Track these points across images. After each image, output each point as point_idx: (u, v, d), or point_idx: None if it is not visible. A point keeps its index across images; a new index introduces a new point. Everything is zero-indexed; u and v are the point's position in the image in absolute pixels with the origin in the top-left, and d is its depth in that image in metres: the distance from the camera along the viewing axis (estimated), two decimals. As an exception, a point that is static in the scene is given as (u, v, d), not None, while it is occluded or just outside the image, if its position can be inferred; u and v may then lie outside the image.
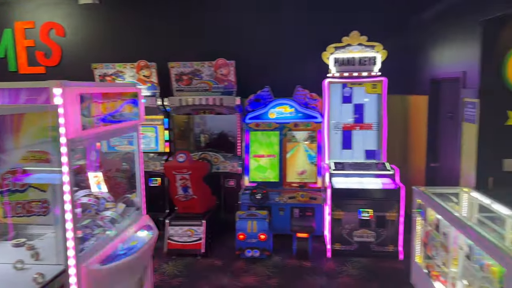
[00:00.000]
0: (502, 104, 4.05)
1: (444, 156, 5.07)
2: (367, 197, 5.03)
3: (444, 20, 4.98)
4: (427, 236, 3.89)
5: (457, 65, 4.53)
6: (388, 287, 4.32)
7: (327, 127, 5.78)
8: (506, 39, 3.99)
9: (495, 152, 4.11)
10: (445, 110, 5.04)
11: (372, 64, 5.69)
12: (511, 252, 2.50)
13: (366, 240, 5.05)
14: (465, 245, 3.08)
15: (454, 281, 3.29)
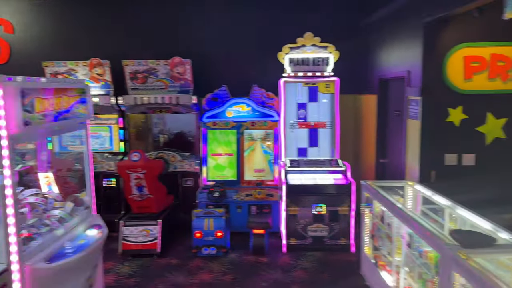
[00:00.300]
0: (443, 101, 4.30)
1: (392, 152, 5.31)
2: (321, 192, 5.18)
3: (391, 21, 5.22)
4: (374, 228, 4.07)
5: (403, 65, 4.76)
6: (340, 278, 4.46)
7: (283, 125, 5.90)
8: (446, 40, 4.24)
9: (437, 147, 4.36)
10: (392, 108, 5.28)
11: (325, 64, 5.88)
12: (445, 238, 2.68)
13: (320, 234, 5.20)
14: (406, 234, 3.26)
15: (398, 269, 3.47)
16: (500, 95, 4.28)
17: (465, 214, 3.17)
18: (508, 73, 4.25)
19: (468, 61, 4.22)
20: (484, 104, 4.30)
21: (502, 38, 4.21)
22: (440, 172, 4.36)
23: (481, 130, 4.35)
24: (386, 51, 5.40)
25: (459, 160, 4.38)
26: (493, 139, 4.35)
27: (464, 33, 4.21)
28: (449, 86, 4.27)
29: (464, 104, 4.29)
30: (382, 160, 5.62)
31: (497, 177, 4.26)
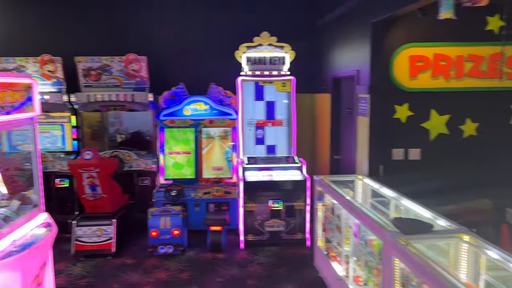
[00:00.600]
0: (390, 99, 4.51)
1: (345, 148, 5.50)
2: (277, 188, 5.28)
3: (342, 22, 5.40)
4: (326, 221, 4.20)
5: (353, 65, 4.95)
6: (294, 271, 4.57)
7: (241, 123, 5.96)
8: (393, 40, 4.45)
9: (385, 143, 4.56)
10: (345, 106, 5.46)
11: (281, 63, 5.99)
12: (387, 226, 2.82)
13: (276, 229, 5.30)
14: (354, 224, 3.40)
15: (347, 259, 3.61)
16: (443, 93, 4.54)
17: (409, 205, 3.34)
18: (449, 72, 4.51)
19: (413, 60, 4.45)
20: (428, 102, 4.54)
21: (444, 39, 4.47)
22: (388, 166, 4.56)
23: (425, 126, 4.59)
24: (339, 51, 5.58)
25: (406, 155, 4.60)
26: (437, 135, 4.61)
27: (409, 33, 4.43)
28: (396, 85, 4.48)
29: (410, 102, 4.52)
30: (336, 156, 5.80)
31: (441, 171, 4.53)
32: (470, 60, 4.50)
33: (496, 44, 4.32)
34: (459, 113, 4.59)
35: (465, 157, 4.58)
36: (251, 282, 4.35)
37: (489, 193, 4.50)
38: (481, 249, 2.47)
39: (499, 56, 4.40)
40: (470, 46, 4.49)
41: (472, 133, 4.63)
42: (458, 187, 4.43)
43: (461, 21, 4.23)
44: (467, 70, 4.52)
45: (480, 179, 4.45)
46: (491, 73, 4.51)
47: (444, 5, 2.78)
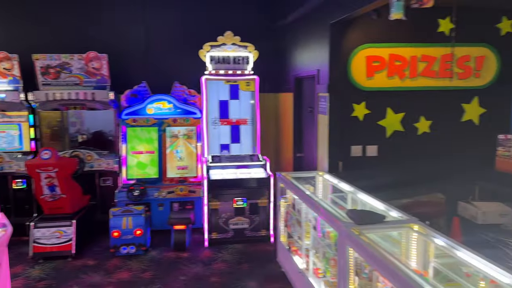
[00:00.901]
0: (348, 98, 4.67)
1: (308, 146, 5.62)
2: (241, 186, 5.33)
3: (303, 23, 5.53)
4: (288, 216, 4.29)
5: (313, 64, 5.08)
6: (257, 267, 4.63)
7: (206, 122, 5.97)
8: (351, 41, 4.62)
9: (344, 140, 4.72)
10: (307, 105, 5.59)
11: (245, 63, 6.05)
12: (342, 218, 2.93)
13: (241, 227, 5.34)
14: (313, 218, 3.50)
15: (307, 252, 3.70)
16: (398, 92, 4.75)
17: (365, 198, 3.48)
18: (404, 72, 4.73)
19: (370, 60, 4.63)
20: (384, 100, 4.74)
21: (399, 40, 4.68)
22: (347, 162, 4.72)
23: (382, 124, 4.79)
24: (300, 51, 5.71)
25: (364, 152, 4.78)
26: (393, 132, 4.81)
27: (366, 34, 4.61)
28: (353, 84, 4.64)
29: (367, 100, 4.70)
30: (299, 154, 5.93)
31: (397, 166, 4.73)
32: (423, 60, 4.74)
33: (447, 45, 4.56)
34: (413, 111, 4.82)
35: (419, 153, 4.81)
36: (215, 279, 4.38)
37: (442, 188, 4.75)
38: (429, 237, 2.61)
39: (449, 56, 4.65)
40: (423, 47, 4.73)
41: (425, 130, 4.87)
42: (412, 182, 4.65)
43: (415, 23, 4.49)
44: (420, 70, 4.75)
45: (433, 174, 4.69)
46: (442, 73, 4.76)
47: (395, 6, 2.93)
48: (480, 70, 4.85)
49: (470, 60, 4.82)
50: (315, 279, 3.52)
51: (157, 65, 6.43)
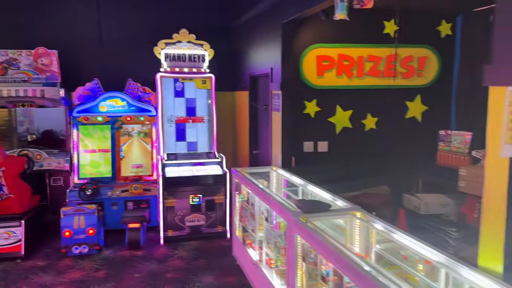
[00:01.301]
0: (300, 95, 4.83)
1: (263, 143, 5.75)
2: (197, 183, 5.36)
3: (257, 22, 5.66)
4: (242, 211, 4.39)
5: (267, 63, 5.21)
6: (213, 262, 4.70)
7: (161, 120, 5.94)
8: (302, 40, 4.78)
9: (296, 136, 4.88)
10: (262, 102, 5.72)
11: (201, 61, 6.08)
12: (291, 207, 3.06)
13: (197, 224, 5.38)
14: (265, 210, 3.61)
15: (261, 244, 3.81)
16: (347, 90, 4.97)
17: (314, 190, 3.63)
18: (352, 71, 4.96)
19: (320, 60, 4.82)
20: (334, 98, 4.95)
21: (347, 40, 4.90)
22: (300, 158, 4.89)
23: (332, 121, 5.00)
24: (255, 50, 5.83)
25: (315, 147, 4.97)
26: (342, 129, 5.03)
27: (316, 34, 4.79)
28: (305, 82, 4.82)
29: (318, 98, 4.89)
30: (255, 151, 6.04)
31: (346, 161, 4.95)
32: (370, 60, 4.99)
33: (391, 46, 4.84)
34: (361, 109, 5.06)
35: (367, 148, 5.06)
36: (170, 275, 4.39)
37: (388, 180, 5.02)
38: (370, 223, 2.79)
39: (394, 57, 4.93)
40: (370, 48, 4.98)
41: (372, 127, 5.13)
42: (360, 175, 4.90)
43: (362, 24, 4.72)
44: (367, 69, 5.00)
45: (380, 168, 4.95)
46: (387, 72, 5.03)
47: (339, 7, 3.09)
48: (423, 70, 5.18)
49: (413, 60, 5.13)
50: (267, 270, 3.63)
51: (111, 62, 6.32)
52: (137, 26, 6.46)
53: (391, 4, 4.42)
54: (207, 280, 4.27)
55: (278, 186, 4.45)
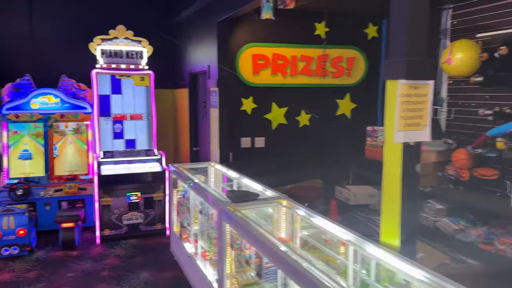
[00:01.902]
0: (237, 92, 4.97)
1: (202, 140, 5.83)
2: (135, 181, 5.33)
3: (195, 20, 5.72)
4: (179, 206, 4.44)
5: (205, 60, 5.29)
6: (151, 259, 4.70)
7: (97, 117, 5.82)
8: (238, 39, 4.92)
9: (234, 132, 5.01)
10: (201, 100, 5.79)
11: (139, 58, 6.04)
12: (221, 198, 3.17)
13: (135, 222, 5.34)
14: (199, 203, 3.70)
15: (196, 237, 3.89)
16: (281, 88, 5.18)
17: (248, 183, 3.77)
18: (286, 70, 5.17)
19: (255, 58, 4.99)
20: (269, 95, 5.14)
21: (281, 40, 5.10)
22: (237, 153, 5.02)
23: (268, 117, 5.18)
24: (193, 47, 5.89)
25: (252, 143, 5.13)
26: (278, 125, 5.24)
27: (251, 34, 4.95)
28: (241, 79, 4.96)
29: (254, 95, 5.05)
30: (195, 148, 6.10)
31: (282, 156, 5.17)
32: (303, 60, 5.23)
33: (321, 47, 5.11)
34: (295, 106, 5.29)
35: (301, 143, 5.30)
36: (105, 273, 4.34)
37: (321, 174, 5.30)
38: (294, 210, 2.97)
39: (324, 57, 5.21)
40: (303, 48, 5.22)
41: (306, 123, 5.38)
42: (295, 170, 5.13)
43: (295, 25, 4.95)
44: (300, 68, 5.23)
45: (313, 162, 5.21)
46: (319, 71, 5.30)
47: (265, 7, 3.25)
48: (351, 70, 5.51)
49: (343, 60, 5.44)
50: (202, 262, 3.72)
51: (44, 58, 6.09)
52: (72, 21, 6.28)
53: (319, 7, 4.68)
54: (143, 276, 4.27)
55: (216, 181, 4.54)
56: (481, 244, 3.76)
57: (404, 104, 1.97)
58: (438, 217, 4.23)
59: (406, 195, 2.09)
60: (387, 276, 2.22)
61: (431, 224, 4.25)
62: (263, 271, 2.35)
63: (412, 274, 1.91)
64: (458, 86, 4.44)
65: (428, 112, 2.05)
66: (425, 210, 4.38)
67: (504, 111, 3.75)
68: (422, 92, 2.02)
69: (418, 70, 1.98)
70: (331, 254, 2.69)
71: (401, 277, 2.08)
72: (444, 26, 4.56)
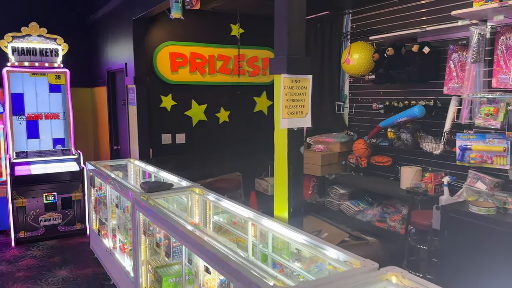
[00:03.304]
0: (155, 90, 5.09)
1: (123, 138, 5.83)
2: (52, 181, 5.21)
3: (112, 19, 5.72)
4: (97, 203, 4.46)
5: (122, 58, 5.33)
6: (70, 257, 4.65)
7: (9, 117, 5.58)
8: (155, 37, 5.04)
9: (154, 129, 5.12)
10: (120, 97, 5.80)
11: (54, 56, 5.88)
12: (134, 189, 3.31)
13: (53, 223, 5.22)
14: (115, 197, 3.78)
15: (114, 231, 3.96)
16: (200, 86, 5.39)
17: (165, 175, 3.92)
18: (204, 69, 5.39)
19: (173, 57, 5.14)
20: (189, 93, 5.32)
21: (198, 40, 5.31)
22: (159, 149, 5.14)
23: (188, 114, 5.36)
24: (111, 45, 5.88)
25: (173, 139, 5.27)
26: (198, 121, 5.43)
27: (169, 32, 5.10)
28: (160, 77, 5.09)
29: (173, 92, 5.20)
30: (116, 147, 6.08)
31: (203, 151, 5.38)
32: (220, 59, 5.48)
33: (236, 47, 5.40)
34: (214, 103, 5.53)
35: (222, 139, 5.55)
36: (21, 274, 4.23)
37: (241, 167, 5.59)
38: (205, 197, 3.19)
39: (240, 57, 5.50)
40: (220, 48, 5.47)
41: (225, 120, 5.65)
42: (216, 164, 5.37)
43: (212, 26, 5.19)
44: (218, 67, 5.48)
45: (234, 156, 5.49)
46: (236, 70, 5.59)
47: (174, 7, 3.44)
48: (266, 69, 5.87)
49: (258, 60, 5.78)
50: (121, 255, 3.80)
51: None
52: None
53: (233, 9, 4.96)
54: (61, 274, 4.24)
55: (135, 176, 4.62)
56: (376, 222, 4.28)
57: (287, 95, 2.29)
58: (341, 200, 4.71)
59: (293, 174, 2.41)
60: (282, 247, 2.53)
61: (336, 208, 4.73)
62: (171, 250, 2.55)
63: (297, 240, 2.22)
64: (358, 84, 4.96)
65: (309, 102, 2.39)
66: (331, 195, 4.85)
67: (393, 105, 4.31)
68: (303, 85, 2.35)
69: (297, 66, 2.31)
70: (240, 235, 2.95)
71: (294, 246, 2.39)
72: (346, 29, 5.07)
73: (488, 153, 3.06)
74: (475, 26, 3.13)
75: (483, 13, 2.92)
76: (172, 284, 2.66)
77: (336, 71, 5.08)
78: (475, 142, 3.13)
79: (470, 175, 3.26)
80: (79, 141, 6.10)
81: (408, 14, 4.16)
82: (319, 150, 4.89)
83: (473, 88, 3.19)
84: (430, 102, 3.92)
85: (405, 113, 3.99)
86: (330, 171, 4.84)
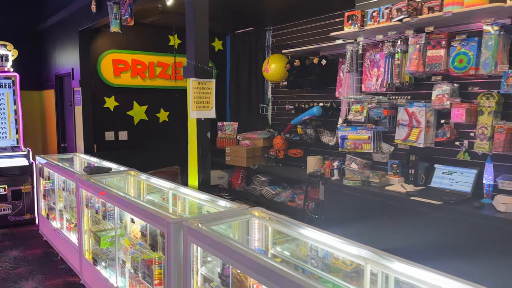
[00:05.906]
0: (100, 92, 5.73)
1: (70, 136, 6.39)
2: (2, 174, 5.68)
3: (60, 27, 6.29)
4: (45, 190, 5.03)
5: (69, 63, 5.92)
6: (20, 241, 5.17)
7: (-41, 117, 5.97)
8: (99, 45, 5.69)
9: (98, 127, 5.74)
10: (67, 99, 6.36)
11: (4, 61, 6.34)
12: (78, 172, 3.97)
13: (3, 213, 5.68)
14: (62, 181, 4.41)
15: (61, 213, 4.57)
16: (142, 89, 6.08)
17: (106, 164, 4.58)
18: (145, 74, 6.09)
19: (116, 63, 5.81)
20: (130, 95, 6.00)
21: (139, 48, 6.01)
22: (102, 145, 5.77)
23: (130, 114, 6.03)
24: (59, 51, 6.44)
25: (116, 136, 5.92)
26: (139, 120, 6.12)
27: (112, 42, 5.77)
28: (103, 81, 5.74)
29: (116, 95, 5.86)
30: (63, 144, 6.62)
31: (144, 147, 6.05)
32: (160, 66, 6.21)
33: (172, 56, 6.16)
34: (155, 104, 6.24)
35: (162, 136, 6.26)
36: (-27, 256, 4.71)
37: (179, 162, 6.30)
38: (140, 177, 3.92)
39: (177, 64, 6.26)
40: (159, 56, 6.20)
41: (165, 119, 6.36)
42: (156, 158, 6.06)
43: (153, 36, 5.91)
44: (158, 73, 6.21)
45: (173, 152, 6.20)
46: (173, 76, 6.34)
47: (113, 22, 4.16)
48: (202, 75, 6.66)
49: (195, 67, 6.56)
50: (68, 233, 4.42)
51: None
52: None
53: (168, 23, 5.73)
54: (13, 254, 4.76)
55: (80, 166, 5.24)
56: (288, 202, 5.18)
57: (195, 93, 3.10)
58: (262, 186, 5.58)
59: (201, 153, 3.22)
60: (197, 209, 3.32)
61: (258, 193, 5.59)
62: (106, 214, 3.26)
63: (201, 198, 3.01)
64: (278, 89, 5.89)
65: (213, 99, 3.22)
66: (255, 182, 5.71)
67: (301, 106, 5.26)
68: (208, 86, 3.17)
69: (202, 72, 3.14)
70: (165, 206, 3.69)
71: (205, 208, 3.18)
72: (268, 43, 6.00)
73: (359, 141, 4.03)
74: (349, 44, 4.10)
75: (350, 34, 3.89)
76: (109, 243, 3.36)
77: (261, 78, 5.98)
78: (350, 133, 4.09)
79: (347, 158, 4.22)
80: (28, 140, 6.58)
81: (313, 32, 5.14)
82: (246, 145, 5.74)
83: (349, 92, 4.17)
84: (328, 104, 4.90)
85: (307, 112, 4.95)
86: (254, 163, 5.70)
